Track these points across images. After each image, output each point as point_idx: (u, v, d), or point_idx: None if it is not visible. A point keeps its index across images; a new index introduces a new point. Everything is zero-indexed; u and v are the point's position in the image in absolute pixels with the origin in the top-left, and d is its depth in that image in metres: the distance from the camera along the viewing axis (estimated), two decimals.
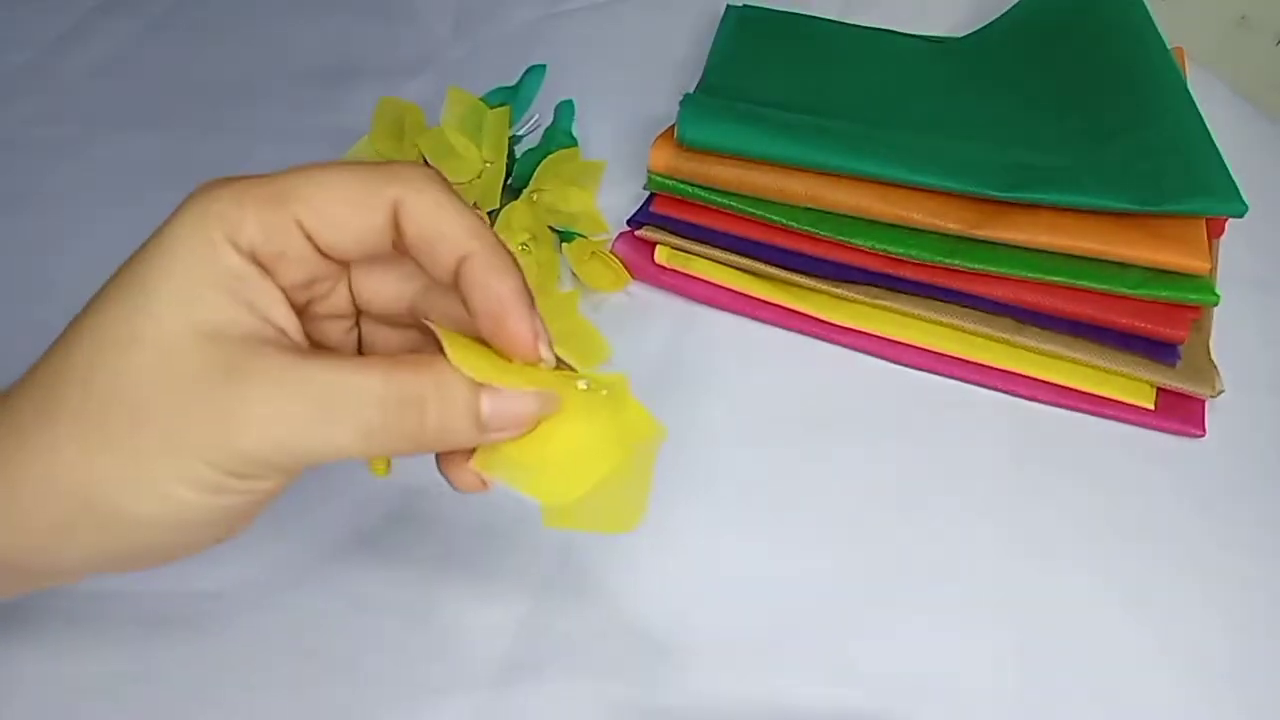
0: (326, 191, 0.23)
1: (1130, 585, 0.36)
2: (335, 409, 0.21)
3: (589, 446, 0.24)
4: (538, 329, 0.24)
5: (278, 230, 0.22)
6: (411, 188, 0.23)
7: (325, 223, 0.23)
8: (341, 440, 0.22)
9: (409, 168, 0.24)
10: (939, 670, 0.34)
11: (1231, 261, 0.44)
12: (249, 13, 0.62)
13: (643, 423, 0.25)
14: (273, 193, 0.23)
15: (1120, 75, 0.46)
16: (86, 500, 0.21)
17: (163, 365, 0.21)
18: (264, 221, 0.22)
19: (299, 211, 0.23)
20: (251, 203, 0.22)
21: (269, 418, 0.21)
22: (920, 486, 0.39)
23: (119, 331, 0.21)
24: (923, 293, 0.42)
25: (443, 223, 0.23)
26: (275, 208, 0.22)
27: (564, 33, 0.60)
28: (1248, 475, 0.40)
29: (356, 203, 0.23)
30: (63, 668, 0.33)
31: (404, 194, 0.23)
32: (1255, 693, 0.34)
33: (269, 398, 0.21)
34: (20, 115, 0.55)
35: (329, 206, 0.23)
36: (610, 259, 0.46)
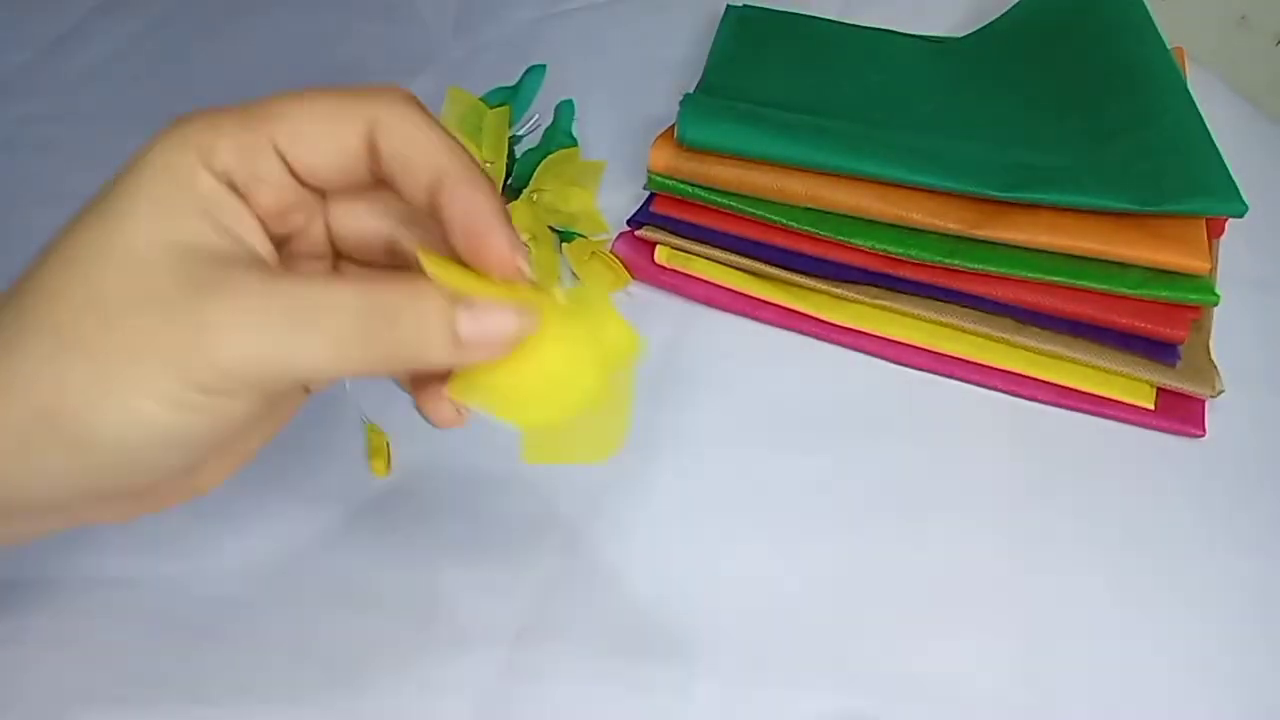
0: (302, 111, 0.23)
1: (1130, 585, 0.36)
2: (306, 319, 0.21)
3: (568, 366, 0.24)
4: (515, 243, 0.24)
5: (253, 153, 0.23)
6: (387, 107, 0.24)
7: (301, 144, 0.23)
8: (313, 351, 0.21)
9: (385, 89, 0.24)
10: (939, 670, 0.34)
11: (1231, 261, 0.44)
12: (249, 13, 0.62)
13: (622, 336, 0.25)
14: (248, 115, 0.23)
15: (1120, 75, 0.46)
16: (51, 413, 0.21)
17: (134, 278, 0.21)
18: (239, 144, 0.22)
19: (274, 133, 0.23)
20: (227, 126, 0.22)
21: (239, 328, 0.21)
22: (920, 486, 0.39)
23: (91, 247, 0.22)
24: (923, 293, 0.42)
25: (418, 141, 0.23)
26: (250, 130, 0.23)
27: (564, 33, 0.60)
28: (1248, 475, 0.40)
29: (332, 121, 0.23)
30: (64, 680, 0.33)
31: (379, 113, 0.23)
32: (1255, 693, 0.34)
33: (239, 309, 0.21)
34: (20, 115, 0.55)
35: (304, 126, 0.23)
36: (610, 259, 0.46)
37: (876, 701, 0.33)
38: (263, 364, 0.21)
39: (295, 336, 0.21)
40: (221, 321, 0.21)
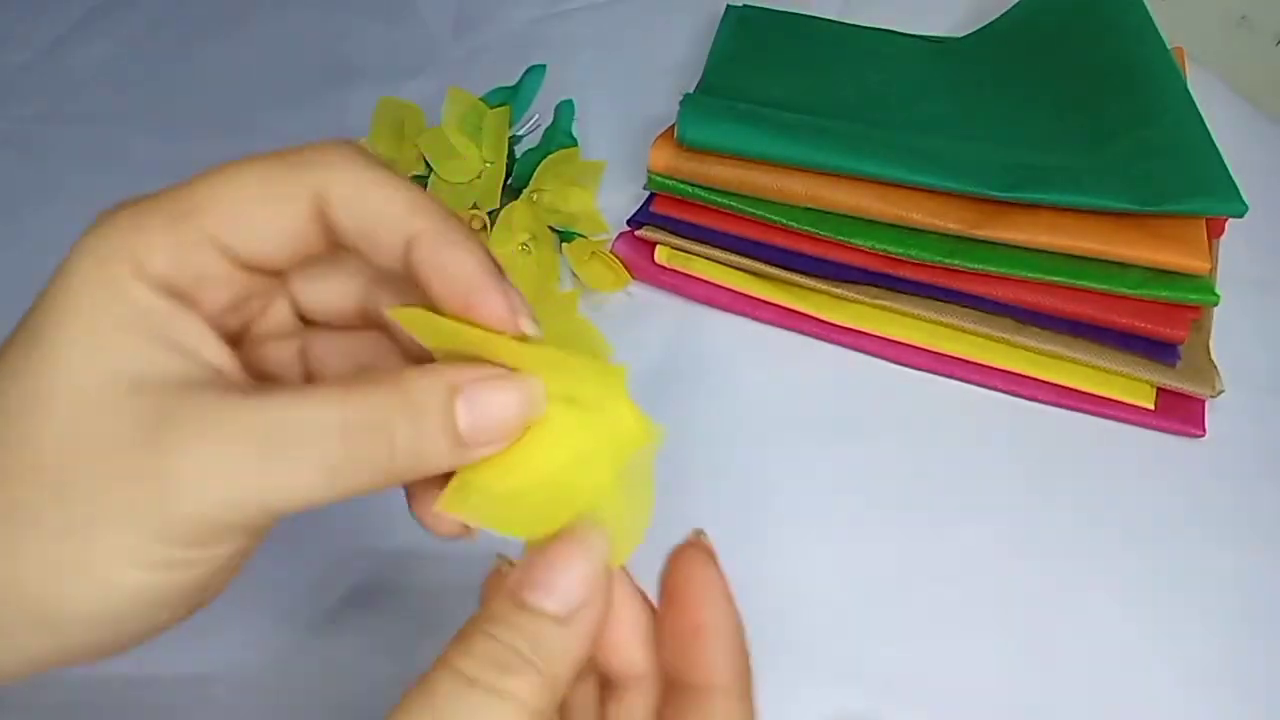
0: (234, 194, 0.20)
1: (1130, 584, 0.36)
2: (289, 448, 0.18)
3: (575, 461, 0.21)
4: (513, 302, 0.20)
5: (189, 252, 0.20)
6: (332, 173, 0.20)
7: (240, 232, 0.20)
8: (302, 483, 0.18)
9: (326, 148, 0.21)
10: (939, 669, 0.34)
11: (1231, 261, 0.44)
12: (249, 13, 0.62)
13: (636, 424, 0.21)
14: (176, 209, 0.20)
15: (1120, 75, 0.46)
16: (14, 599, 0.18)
17: (81, 427, 0.18)
18: (172, 244, 0.19)
19: (209, 224, 0.20)
20: (155, 225, 0.19)
21: (212, 472, 0.18)
22: (920, 486, 0.39)
23: (26, 394, 0.18)
24: (923, 293, 0.42)
25: (377, 203, 0.20)
26: (181, 226, 0.19)
27: (564, 33, 0.60)
28: (1248, 475, 0.40)
29: (270, 201, 0.20)
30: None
31: (325, 180, 0.20)
32: (1255, 693, 0.34)
33: (209, 448, 0.18)
34: (20, 115, 0.55)
35: (240, 211, 0.20)
36: (610, 259, 0.46)
37: (876, 701, 0.33)
38: (246, 507, 0.18)
39: (275, 471, 0.18)
40: (188, 467, 0.18)
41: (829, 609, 0.35)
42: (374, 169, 0.21)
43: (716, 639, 0.21)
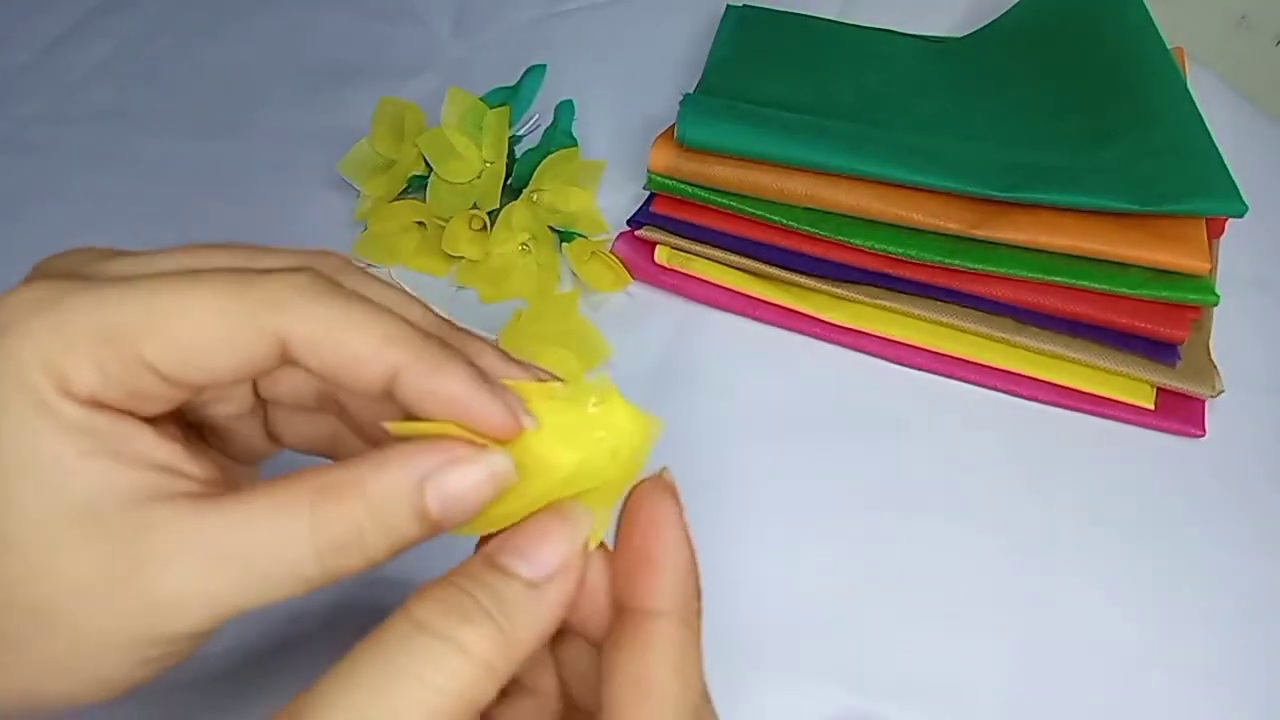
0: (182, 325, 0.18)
1: (1130, 585, 0.37)
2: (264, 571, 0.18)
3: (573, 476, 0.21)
4: (509, 403, 0.20)
5: (121, 374, 0.18)
6: (298, 313, 0.19)
7: (181, 362, 0.19)
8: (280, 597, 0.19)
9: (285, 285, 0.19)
10: (938, 670, 0.34)
11: (1231, 261, 0.44)
12: (249, 13, 0.62)
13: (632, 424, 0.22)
14: (108, 329, 0.18)
15: (1120, 75, 0.46)
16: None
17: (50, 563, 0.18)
18: (100, 363, 0.18)
19: (146, 350, 0.18)
20: (80, 344, 0.18)
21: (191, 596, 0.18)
22: (920, 486, 0.39)
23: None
24: (923, 292, 0.42)
25: (350, 344, 0.19)
26: (113, 347, 0.18)
27: (564, 33, 0.60)
28: (1248, 475, 0.40)
29: (224, 339, 0.19)
30: None
31: (290, 323, 0.19)
32: (1255, 693, 0.34)
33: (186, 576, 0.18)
34: (20, 115, 0.55)
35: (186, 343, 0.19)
36: (610, 259, 0.46)
37: (876, 701, 0.33)
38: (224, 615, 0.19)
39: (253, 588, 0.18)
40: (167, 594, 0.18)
41: (828, 608, 0.35)
42: (345, 306, 0.19)
43: (664, 565, 0.21)
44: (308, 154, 0.51)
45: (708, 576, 0.36)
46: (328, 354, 0.19)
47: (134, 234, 0.48)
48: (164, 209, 0.49)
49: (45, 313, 0.18)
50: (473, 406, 0.20)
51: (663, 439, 0.24)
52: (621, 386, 0.21)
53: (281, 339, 0.19)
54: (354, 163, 0.48)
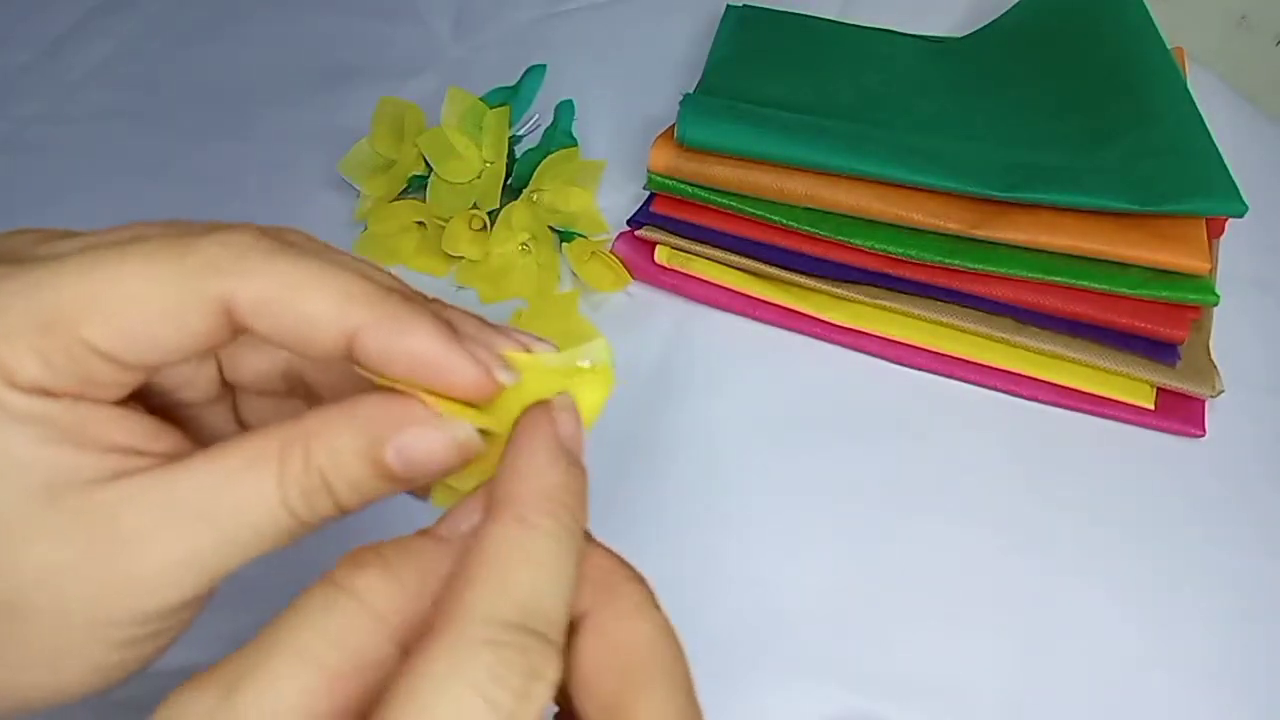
0: (119, 299, 0.17)
1: (1130, 585, 0.36)
2: (239, 528, 0.18)
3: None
4: (482, 359, 0.19)
5: (66, 361, 0.17)
6: (243, 275, 0.18)
7: (124, 340, 0.18)
8: (260, 553, 0.18)
9: (231, 244, 0.18)
10: (938, 670, 0.34)
11: (1231, 261, 0.44)
12: (249, 13, 0.62)
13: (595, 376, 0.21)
14: (44, 314, 0.17)
15: (1120, 75, 0.46)
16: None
17: (8, 560, 0.17)
18: (43, 354, 0.17)
19: (86, 334, 0.17)
20: (19, 334, 0.17)
21: (170, 566, 0.18)
22: (920, 486, 0.39)
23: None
24: (923, 292, 0.42)
25: (304, 304, 0.18)
26: (53, 335, 0.17)
27: (564, 33, 0.60)
28: (1248, 475, 0.40)
29: (165, 311, 0.18)
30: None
31: (234, 286, 0.18)
32: (1255, 693, 0.34)
33: (162, 545, 0.17)
34: (20, 115, 0.55)
35: (125, 319, 0.17)
36: (610, 259, 0.46)
37: (876, 701, 0.33)
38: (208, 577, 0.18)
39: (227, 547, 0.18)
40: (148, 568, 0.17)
41: (828, 608, 0.35)
42: (293, 263, 0.18)
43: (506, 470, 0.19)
44: (308, 154, 0.51)
45: (707, 575, 0.36)
46: (280, 316, 0.18)
47: None
48: (164, 209, 0.49)
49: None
50: (443, 365, 0.18)
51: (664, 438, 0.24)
52: (621, 386, 0.21)
53: (226, 304, 0.18)
54: (354, 163, 0.48)
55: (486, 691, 0.15)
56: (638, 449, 0.40)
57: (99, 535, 0.17)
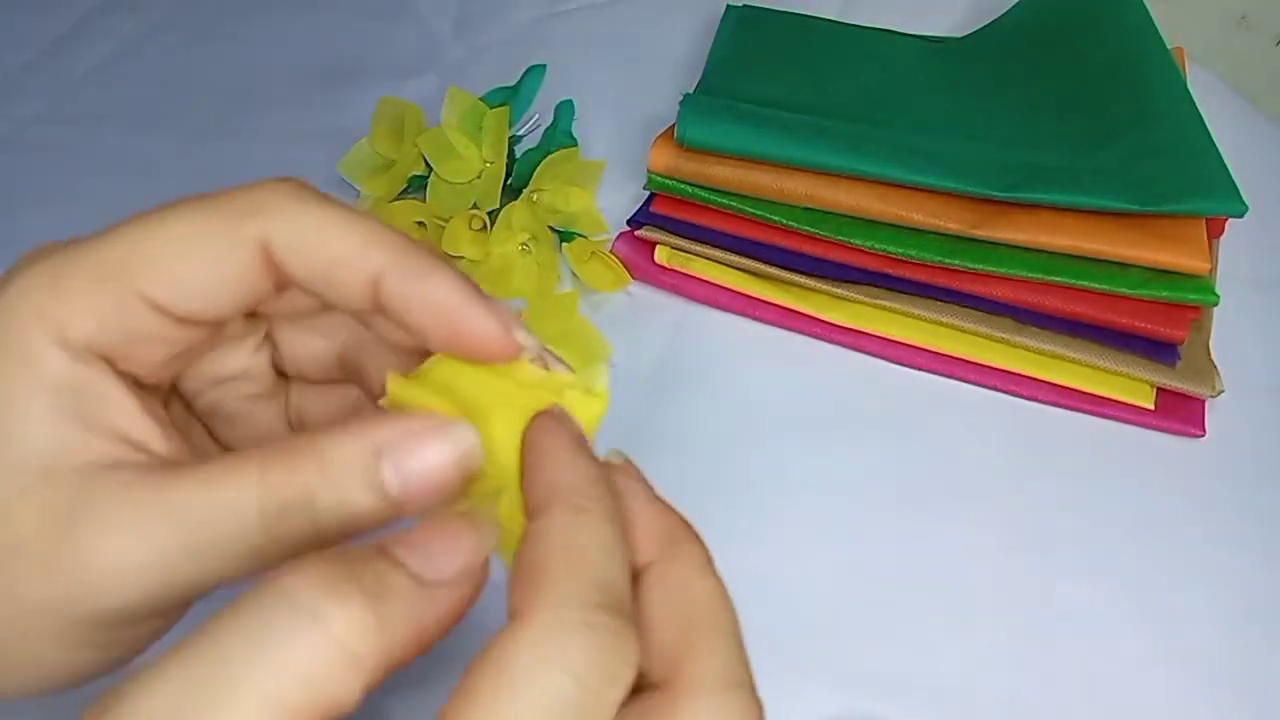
0: (167, 249, 0.18)
1: (1130, 585, 0.36)
2: (208, 537, 0.17)
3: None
4: (501, 317, 0.19)
5: (117, 312, 0.18)
6: (276, 217, 0.19)
7: (175, 289, 0.19)
8: (226, 568, 0.18)
9: (266, 190, 0.19)
10: (938, 670, 0.34)
11: (1231, 261, 0.44)
12: (249, 12, 0.62)
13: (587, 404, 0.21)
14: (100, 267, 0.18)
15: (1120, 75, 0.46)
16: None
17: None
18: (97, 306, 0.18)
19: (139, 283, 0.18)
20: (77, 287, 0.18)
21: (130, 567, 0.17)
22: (919, 486, 0.39)
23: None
24: (923, 293, 0.42)
25: (330, 246, 0.19)
26: (108, 286, 0.18)
27: (564, 33, 0.60)
28: (1248, 475, 0.40)
29: (209, 255, 0.19)
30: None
31: (268, 227, 0.19)
32: (1255, 693, 0.34)
33: (125, 543, 0.17)
34: (20, 115, 0.55)
35: (175, 268, 0.18)
36: (610, 259, 0.45)
37: (876, 702, 0.33)
38: (167, 595, 0.18)
39: (199, 561, 0.18)
40: (106, 564, 0.17)
41: (828, 609, 0.35)
42: (322, 207, 0.19)
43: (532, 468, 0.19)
44: (308, 154, 0.51)
45: None
46: (310, 256, 0.19)
47: None
48: None
49: (42, 264, 0.18)
50: (463, 316, 0.19)
51: (663, 439, 0.24)
52: (621, 386, 0.21)
53: (264, 244, 0.19)
54: (354, 163, 0.48)
55: (580, 674, 0.15)
56: (637, 449, 0.40)
57: (65, 515, 0.17)
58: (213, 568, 0.18)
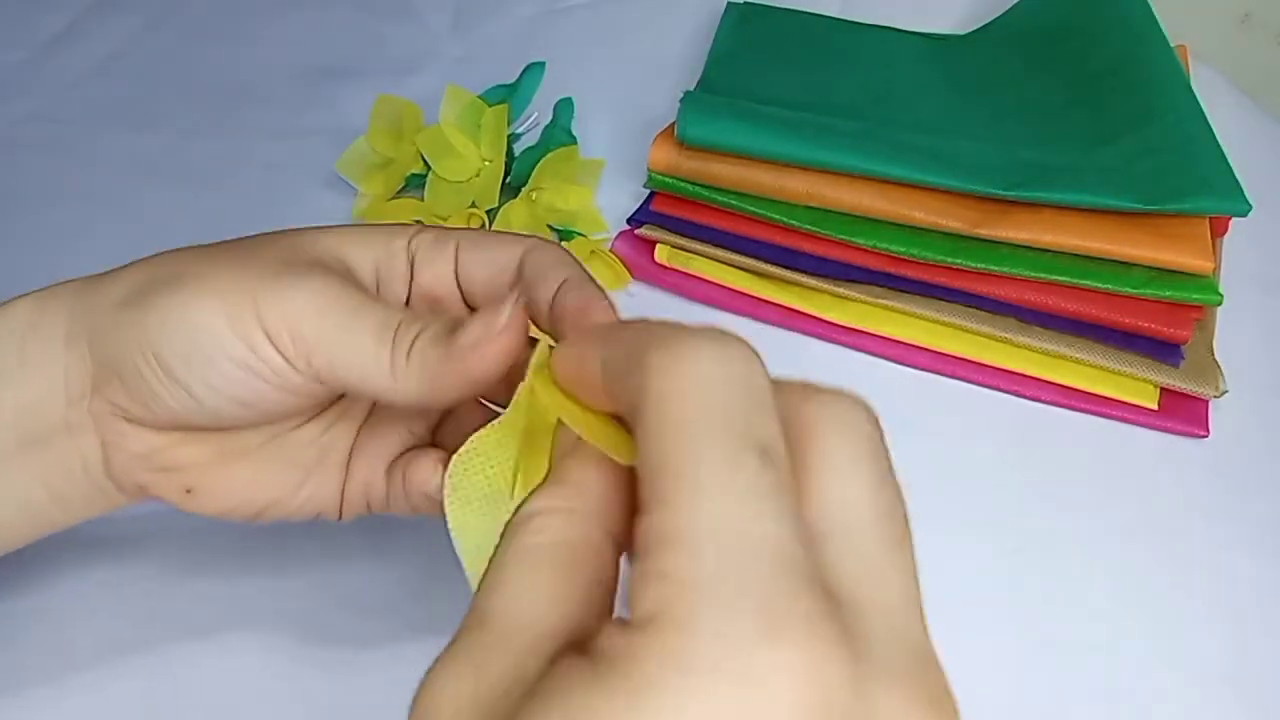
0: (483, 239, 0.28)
1: (1132, 585, 0.36)
2: (357, 320, 0.24)
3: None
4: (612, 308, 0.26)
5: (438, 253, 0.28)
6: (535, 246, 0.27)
7: (473, 264, 0.28)
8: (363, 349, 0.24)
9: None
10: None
11: (1235, 261, 0.44)
12: (246, 10, 0.62)
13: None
14: (444, 232, 0.28)
15: (1123, 73, 0.46)
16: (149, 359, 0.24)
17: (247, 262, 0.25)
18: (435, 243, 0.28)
19: (460, 244, 0.28)
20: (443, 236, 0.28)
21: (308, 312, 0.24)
22: (921, 486, 0.38)
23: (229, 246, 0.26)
24: (925, 292, 0.42)
25: (553, 264, 0.27)
26: (445, 242, 0.28)
27: (563, 30, 0.60)
28: (1251, 475, 0.40)
29: (501, 249, 0.27)
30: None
31: (529, 249, 0.27)
32: (1256, 693, 0.34)
33: (315, 292, 0.24)
34: (16, 114, 0.54)
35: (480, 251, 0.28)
36: (610, 258, 0.45)
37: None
38: (313, 349, 0.24)
39: (340, 327, 0.24)
40: (297, 298, 0.24)
41: None
42: (556, 249, 0.27)
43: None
44: (306, 152, 0.51)
45: None
46: (540, 266, 0.26)
47: (130, 233, 0.47)
48: (161, 208, 0.49)
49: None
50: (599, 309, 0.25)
51: None
52: None
53: (523, 257, 0.27)
54: (352, 161, 0.48)
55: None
56: None
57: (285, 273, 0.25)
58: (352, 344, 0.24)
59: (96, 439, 0.26)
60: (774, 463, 0.16)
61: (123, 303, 0.25)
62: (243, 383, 0.24)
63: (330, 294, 0.24)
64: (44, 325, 0.26)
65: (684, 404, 0.16)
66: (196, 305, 0.24)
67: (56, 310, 0.26)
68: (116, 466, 0.26)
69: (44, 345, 0.26)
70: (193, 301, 0.24)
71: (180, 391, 0.25)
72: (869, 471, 0.18)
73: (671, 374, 0.16)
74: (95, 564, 0.35)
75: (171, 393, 0.25)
